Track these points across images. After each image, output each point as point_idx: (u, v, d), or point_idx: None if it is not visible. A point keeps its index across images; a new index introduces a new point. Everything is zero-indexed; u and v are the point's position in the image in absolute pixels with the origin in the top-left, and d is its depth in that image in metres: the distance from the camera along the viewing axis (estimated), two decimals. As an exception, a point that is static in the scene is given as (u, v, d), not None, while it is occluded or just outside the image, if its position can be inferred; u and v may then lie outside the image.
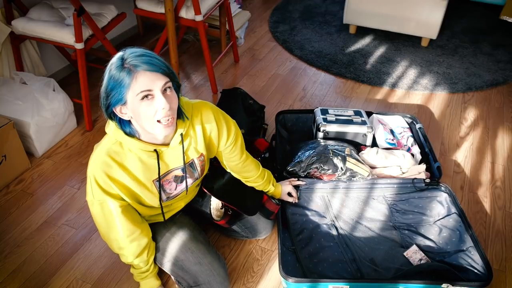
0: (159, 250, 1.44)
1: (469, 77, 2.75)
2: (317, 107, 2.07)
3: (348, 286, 1.44)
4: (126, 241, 1.30)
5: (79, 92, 2.24)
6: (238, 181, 1.58)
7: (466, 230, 1.61)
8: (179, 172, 1.31)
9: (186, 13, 2.34)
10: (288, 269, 1.53)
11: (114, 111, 1.11)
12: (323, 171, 1.74)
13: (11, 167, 1.94)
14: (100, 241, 1.70)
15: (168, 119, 1.10)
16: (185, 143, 1.26)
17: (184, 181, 1.35)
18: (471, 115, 2.44)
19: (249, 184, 1.59)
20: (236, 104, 2.17)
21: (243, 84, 2.68)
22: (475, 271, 1.49)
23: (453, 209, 1.70)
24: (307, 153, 1.79)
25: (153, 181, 1.27)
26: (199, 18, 2.30)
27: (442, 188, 1.77)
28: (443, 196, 1.76)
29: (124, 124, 1.16)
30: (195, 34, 3.14)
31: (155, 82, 1.06)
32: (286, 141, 2.07)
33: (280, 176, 1.81)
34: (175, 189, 1.35)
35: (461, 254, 1.56)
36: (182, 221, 1.50)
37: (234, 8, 2.97)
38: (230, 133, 1.35)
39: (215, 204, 1.53)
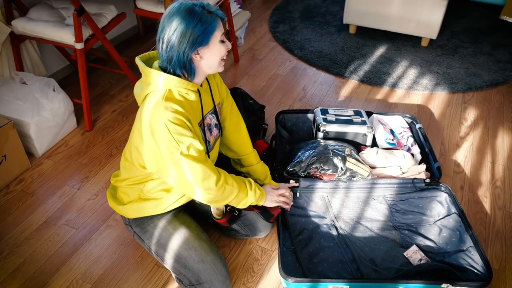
0: (162, 246, 1.44)
1: (469, 77, 2.75)
2: (317, 107, 2.07)
3: (348, 286, 1.44)
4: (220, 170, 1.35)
5: (79, 92, 2.24)
6: None
7: (466, 230, 1.61)
8: (209, 120, 1.43)
9: (186, 13, 2.33)
10: (288, 269, 1.53)
11: (193, 53, 1.23)
12: (323, 171, 1.74)
13: (11, 167, 1.94)
14: (100, 241, 1.71)
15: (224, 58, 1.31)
16: (210, 86, 1.44)
17: (213, 130, 1.46)
18: (471, 115, 2.44)
19: (246, 169, 1.63)
20: (236, 104, 2.17)
21: (243, 84, 2.68)
22: (475, 271, 1.49)
23: (453, 209, 1.70)
24: (307, 153, 1.79)
25: (197, 124, 1.34)
26: (199, 18, 2.29)
27: (442, 188, 1.77)
28: (443, 196, 1.76)
29: (190, 66, 1.25)
30: (195, 34, 3.14)
31: (223, 28, 1.27)
32: (286, 141, 2.07)
33: (280, 176, 1.81)
34: (210, 137, 1.44)
35: (461, 254, 1.56)
36: (185, 219, 1.51)
37: (234, 8, 2.97)
38: (228, 91, 1.58)
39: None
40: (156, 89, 1.26)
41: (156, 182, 1.40)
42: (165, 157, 1.25)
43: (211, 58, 1.26)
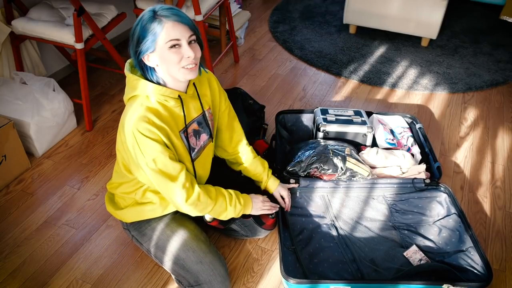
0: (160, 248, 1.44)
1: (469, 77, 2.75)
2: (317, 107, 2.07)
3: (349, 287, 1.44)
4: (194, 183, 1.33)
5: (79, 92, 2.24)
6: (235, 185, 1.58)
7: (465, 231, 1.61)
8: (196, 126, 1.40)
9: (186, 13, 2.32)
10: (288, 270, 1.53)
11: (142, 59, 1.22)
12: (323, 171, 1.74)
13: (11, 167, 1.94)
14: (100, 241, 1.71)
15: (192, 66, 1.23)
16: (198, 91, 1.40)
17: (201, 136, 1.42)
18: (471, 115, 2.44)
19: (244, 166, 1.62)
20: (236, 104, 2.17)
21: (243, 84, 2.68)
22: (475, 271, 1.49)
23: (453, 210, 1.70)
24: (307, 153, 1.79)
25: (179, 132, 1.32)
26: (199, 18, 2.30)
27: (442, 188, 1.77)
28: (442, 197, 1.76)
29: (151, 73, 1.26)
30: (195, 34, 3.14)
31: (183, 33, 1.19)
32: (286, 141, 2.07)
33: (280, 176, 1.81)
34: (196, 144, 1.41)
35: (460, 255, 1.56)
36: (183, 221, 1.50)
37: (234, 8, 2.97)
38: (225, 94, 1.54)
39: None
40: (135, 94, 1.27)
41: (146, 187, 1.41)
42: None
43: (164, 64, 1.21)
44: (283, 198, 1.69)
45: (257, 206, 1.52)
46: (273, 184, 1.66)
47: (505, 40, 3.15)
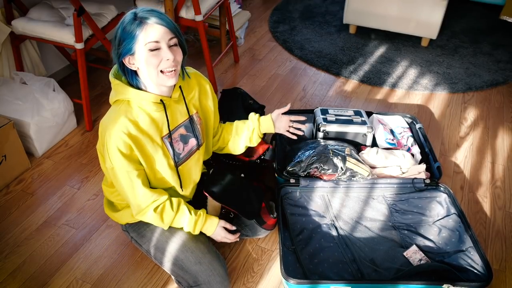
0: (159, 249, 1.44)
1: (469, 77, 2.75)
2: (317, 107, 2.07)
3: (350, 287, 1.44)
4: (149, 206, 1.33)
5: (79, 92, 2.24)
6: (237, 184, 1.58)
7: (465, 231, 1.61)
8: (183, 130, 1.38)
9: (186, 13, 2.34)
10: (288, 270, 1.53)
11: (124, 62, 1.21)
12: (323, 171, 1.74)
13: (11, 167, 1.94)
14: (100, 241, 1.71)
15: (172, 70, 1.20)
16: (185, 95, 1.38)
17: (189, 141, 1.41)
18: (471, 115, 2.44)
19: (236, 139, 1.61)
20: (236, 104, 2.17)
21: (243, 84, 2.68)
22: (475, 271, 1.49)
23: (453, 210, 1.70)
24: (307, 153, 1.79)
25: (162, 138, 1.31)
26: (199, 18, 2.30)
27: (442, 188, 1.77)
28: (442, 197, 1.76)
29: (132, 77, 1.25)
30: (195, 34, 3.14)
31: (162, 35, 1.17)
32: (286, 141, 2.06)
33: (280, 176, 1.81)
34: (183, 149, 1.40)
35: (460, 255, 1.56)
36: None
37: (234, 8, 2.97)
38: (214, 96, 1.51)
39: (211, 206, 1.52)
40: (118, 99, 1.28)
41: None
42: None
43: (144, 68, 1.20)
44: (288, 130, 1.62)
45: (218, 235, 1.47)
46: (266, 123, 1.60)
47: (505, 40, 3.15)
